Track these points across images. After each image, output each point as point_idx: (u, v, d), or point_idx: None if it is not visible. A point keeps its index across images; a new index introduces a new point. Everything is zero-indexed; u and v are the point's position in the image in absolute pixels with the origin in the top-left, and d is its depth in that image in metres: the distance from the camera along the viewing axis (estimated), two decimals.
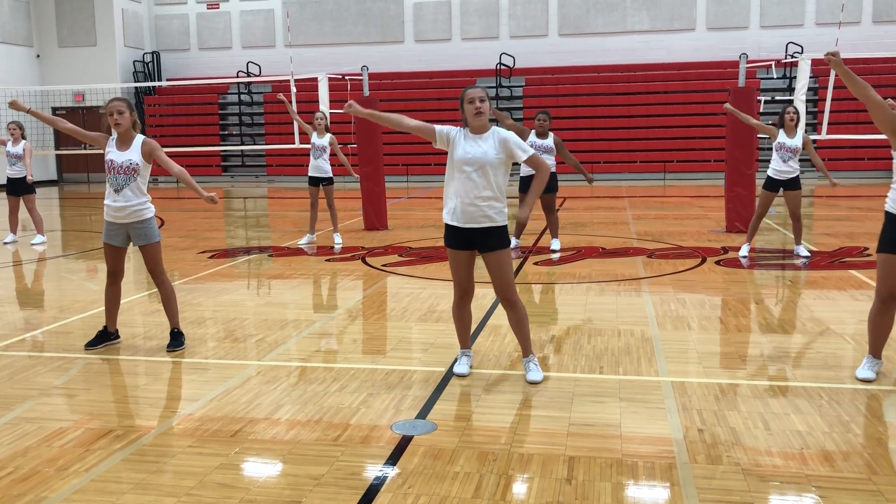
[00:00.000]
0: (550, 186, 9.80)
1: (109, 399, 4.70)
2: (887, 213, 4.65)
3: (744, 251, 9.23)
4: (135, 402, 4.67)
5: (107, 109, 5.43)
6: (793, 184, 8.80)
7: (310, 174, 10.66)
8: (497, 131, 4.69)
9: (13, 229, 11.50)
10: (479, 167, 4.58)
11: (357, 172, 10.92)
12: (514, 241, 9.99)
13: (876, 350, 4.81)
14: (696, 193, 17.75)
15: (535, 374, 4.82)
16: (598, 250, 9.88)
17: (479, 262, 4.82)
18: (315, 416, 4.31)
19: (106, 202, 5.56)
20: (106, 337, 5.80)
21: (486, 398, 4.54)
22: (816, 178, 19.46)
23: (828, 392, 4.56)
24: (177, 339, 5.74)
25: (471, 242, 4.73)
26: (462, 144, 4.66)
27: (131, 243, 5.67)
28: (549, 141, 9.50)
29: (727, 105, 9.67)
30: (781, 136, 8.74)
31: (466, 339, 5.08)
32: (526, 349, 4.92)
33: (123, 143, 5.49)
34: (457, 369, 4.99)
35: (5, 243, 11.30)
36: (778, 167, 8.78)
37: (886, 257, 4.62)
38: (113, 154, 5.48)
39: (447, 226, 4.78)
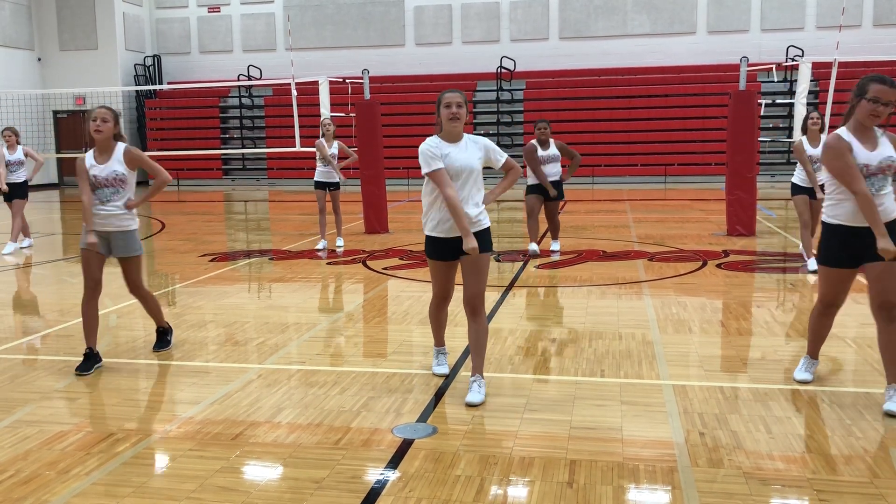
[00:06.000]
0: (556, 195, 9.77)
1: (110, 402, 4.70)
2: (824, 224, 4.56)
3: (812, 265, 8.33)
4: (136, 405, 4.67)
5: (92, 115, 5.16)
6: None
7: (317, 179, 10.44)
8: (472, 137, 4.57)
9: (25, 233, 11.48)
10: (466, 175, 4.45)
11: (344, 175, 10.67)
12: (533, 247, 9.81)
13: (813, 351, 4.87)
14: (696, 197, 17.74)
15: (476, 395, 4.49)
16: (598, 253, 9.88)
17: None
18: (316, 419, 4.31)
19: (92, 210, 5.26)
20: (94, 359, 5.26)
21: (487, 401, 4.53)
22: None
23: (829, 395, 4.55)
24: (162, 339, 5.74)
25: (456, 251, 4.58)
26: (447, 156, 4.45)
27: (111, 254, 5.35)
28: (553, 149, 9.52)
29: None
30: (808, 149, 8.15)
31: (442, 337, 5.09)
32: (478, 366, 4.59)
33: (102, 153, 5.21)
34: (437, 370, 5.03)
35: (22, 248, 11.26)
36: (803, 175, 8.25)
37: (824, 270, 4.55)
38: (95, 169, 5.18)
39: (432, 238, 4.61)
